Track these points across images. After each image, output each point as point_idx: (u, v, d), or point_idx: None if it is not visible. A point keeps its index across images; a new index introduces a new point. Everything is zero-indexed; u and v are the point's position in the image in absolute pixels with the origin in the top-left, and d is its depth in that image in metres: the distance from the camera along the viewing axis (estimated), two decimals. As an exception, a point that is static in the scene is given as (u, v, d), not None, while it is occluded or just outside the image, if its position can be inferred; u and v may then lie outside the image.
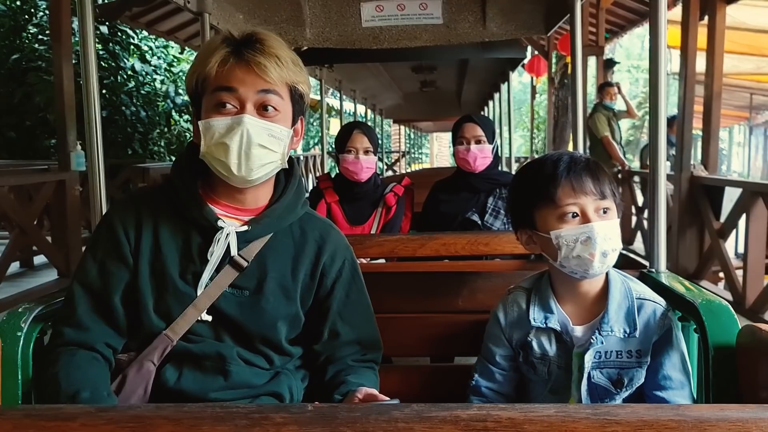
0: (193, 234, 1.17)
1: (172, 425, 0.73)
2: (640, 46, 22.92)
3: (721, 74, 4.76)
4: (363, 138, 2.49)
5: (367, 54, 3.48)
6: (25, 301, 1.31)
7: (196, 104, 1.18)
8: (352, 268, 1.29)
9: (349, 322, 1.26)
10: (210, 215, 1.16)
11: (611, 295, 1.23)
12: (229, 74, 1.12)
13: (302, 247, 1.24)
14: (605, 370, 1.22)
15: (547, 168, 1.20)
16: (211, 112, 1.13)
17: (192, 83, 1.16)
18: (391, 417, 0.73)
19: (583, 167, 1.19)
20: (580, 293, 1.25)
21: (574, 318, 1.25)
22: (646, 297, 1.25)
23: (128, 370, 1.14)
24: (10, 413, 0.76)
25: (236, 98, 1.12)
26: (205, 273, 1.15)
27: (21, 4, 10.26)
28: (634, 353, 1.22)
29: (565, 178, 1.17)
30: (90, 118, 1.70)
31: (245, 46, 1.13)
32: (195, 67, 1.16)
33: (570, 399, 1.25)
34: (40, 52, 9.85)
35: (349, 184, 2.54)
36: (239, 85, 1.12)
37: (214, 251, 1.15)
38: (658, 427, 0.70)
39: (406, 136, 23.05)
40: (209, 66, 1.12)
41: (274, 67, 1.12)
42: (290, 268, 1.22)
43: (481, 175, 2.58)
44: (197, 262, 1.16)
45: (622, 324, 1.21)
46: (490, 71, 6.26)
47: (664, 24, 1.62)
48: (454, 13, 2.82)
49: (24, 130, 10.23)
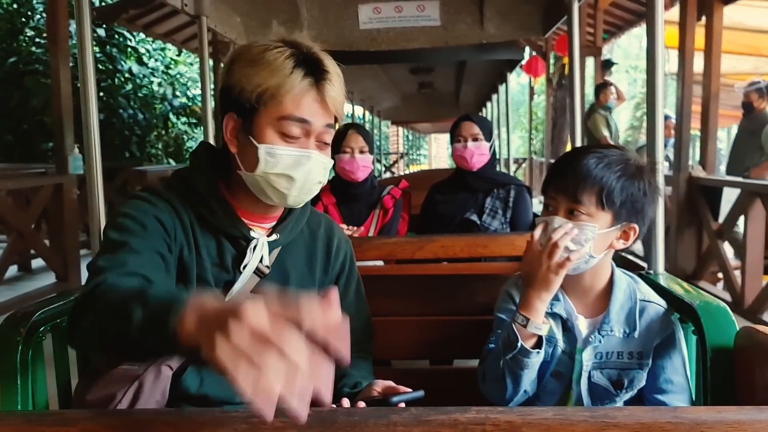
0: (223, 241, 1.14)
1: (172, 429, 0.73)
2: (638, 47, 22.94)
3: (719, 74, 4.77)
4: (358, 137, 2.50)
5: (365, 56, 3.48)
6: (22, 305, 1.31)
7: (238, 110, 1.09)
8: (352, 260, 1.34)
9: (349, 312, 1.26)
10: (243, 227, 1.14)
11: (614, 295, 1.24)
12: (305, 105, 1.07)
13: (314, 245, 1.25)
14: (605, 371, 1.23)
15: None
16: (274, 138, 1.08)
17: (247, 89, 1.06)
18: (390, 420, 0.73)
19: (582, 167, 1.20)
20: (583, 287, 1.27)
21: (578, 308, 1.27)
22: (650, 299, 1.27)
23: (144, 376, 1.08)
24: (10, 419, 0.76)
25: (305, 130, 1.09)
26: (238, 283, 1.14)
27: (18, 6, 10.25)
28: (635, 355, 1.23)
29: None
30: (87, 121, 1.70)
31: (319, 74, 1.08)
32: (260, 76, 1.05)
33: (569, 394, 1.25)
34: (37, 55, 9.85)
35: (345, 185, 2.55)
36: (312, 118, 1.08)
37: (248, 262, 1.14)
38: (656, 430, 0.71)
39: (405, 138, 23.08)
40: (285, 89, 1.05)
41: (342, 102, 1.11)
42: (307, 268, 1.23)
43: (479, 174, 2.58)
44: (231, 270, 1.14)
45: (623, 325, 1.23)
46: (487, 72, 6.27)
47: (661, 24, 1.62)
48: (452, 15, 2.83)
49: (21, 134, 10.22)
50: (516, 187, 2.61)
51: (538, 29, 2.85)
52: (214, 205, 1.12)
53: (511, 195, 2.59)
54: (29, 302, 1.29)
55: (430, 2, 2.79)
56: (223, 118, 1.11)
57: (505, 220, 2.56)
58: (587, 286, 1.27)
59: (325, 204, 2.56)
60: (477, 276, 1.74)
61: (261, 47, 1.07)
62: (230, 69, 1.10)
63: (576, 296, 1.28)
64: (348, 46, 2.88)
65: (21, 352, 1.19)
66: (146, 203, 1.09)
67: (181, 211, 1.11)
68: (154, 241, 1.04)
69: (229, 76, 1.10)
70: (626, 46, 23.50)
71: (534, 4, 2.77)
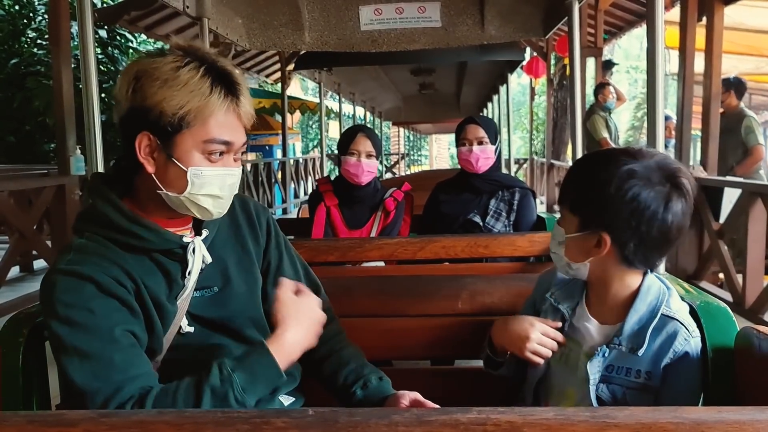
0: (161, 259, 1.11)
1: (174, 430, 0.74)
2: (638, 47, 22.93)
3: (720, 75, 4.77)
4: (366, 141, 2.50)
5: (366, 57, 3.49)
6: (25, 306, 1.31)
7: (154, 130, 1.05)
8: (275, 225, 1.33)
9: (290, 276, 1.29)
10: (173, 237, 1.12)
11: (634, 307, 1.15)
12: (228, 127, 1.08)
13: (236, 222, 1.26)
14: (611, 386, 1.15)
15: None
16: (200, 160, 1.07)
17: (167, 111, 1.03)
18: (392, 421, 0.74)
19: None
20: (603, 292, 1.19)
21: (594, 310, 1.21)
22: (673, 316, 1.14)
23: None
24: (13, 419, 0.76)
25: (228, 149, 1.10)
26: (188, 287, 1.13)
27: (20, 8, 10.28)
28: (642, 374, 1.13)
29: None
30: (89, 122, 1.71)
31: (234, 90, 1.08)
32: (178, 98, 1.03)
33: (568, 391, 1.22)
34: (39, 56, 9.88)
35: (348, 187, 2.55)
36: (234, 138, 1.09)
37: (192, 267, 1.13)
38: (656, 430, 0.71)
39: (406, 138, 23.09)
40: (208, 111, 1.05)
41: (252, 113, 1.12)
42: (240, 246, 1.24)
43: (484, 176, 2.59)
44: (180, 281, 1.13)
45: (632, 339, 1.14)
46: (488, 73, 6.28)
47: (662, 25, 1.62)
48: (453, 16, 2.83)
49: (23, 135, 10.25)
50: (521, 190, 2.61)
51: (538, 30, 2.85)
52: (140, 230, 1.08)
53: (516, 198, 2.59)
54: (31, 303, 1.29)
55: (430, 3, 2.80)
56: (134, 138, 1.06)
57: (508, 223, 2.57)
58: (607, 292, 1.18)
59: (327, 205, 2.56)
60: (478, 276, 1.74)
61: (170, 64, 1.03)
62: (136, 87, 1.04)
63: (596, 298, 1.21)
64: (349, 48, 2.88)
65: (23, 352, 1.20)
66: (76, 280, 1.02)
67: (111, 256, 1.06)
68: (110, 321, 1.01)
69: (137, 95, 1.04)
70: (627, 47, 23.51)
71: (534, 6, 2.78)
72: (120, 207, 1.09)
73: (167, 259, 1.12)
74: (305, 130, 23.24)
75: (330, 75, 6.18)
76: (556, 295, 1.28)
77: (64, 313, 1.00)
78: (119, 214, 1.08)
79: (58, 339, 0.99)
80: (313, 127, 22.13)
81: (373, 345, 1.37)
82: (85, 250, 1.06)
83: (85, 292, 1.01)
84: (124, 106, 1.06)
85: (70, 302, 1.00)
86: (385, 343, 1.37)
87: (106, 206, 1.08)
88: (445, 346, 1.58)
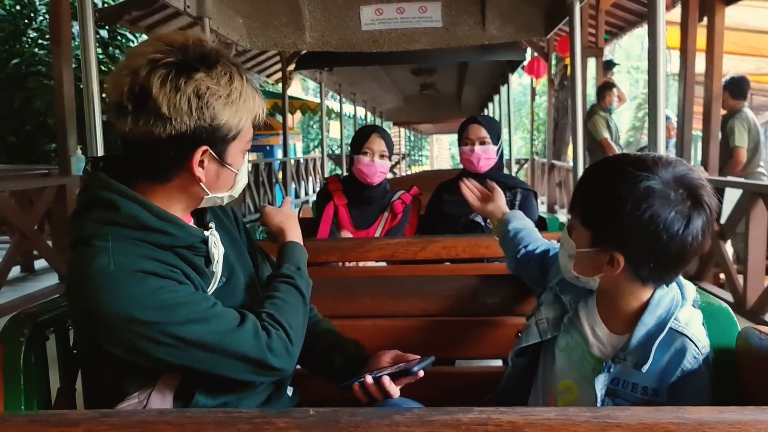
0: (188, 255, 1.12)
1: (176, 430, 0.74)
2: (639, 47, 22.94)
3: (721, 75, 4.77)
4: (380, 141, 2.49)
5: (367, 57, 3.48)
6: (26, 306, 1.31)
7: (212, 143, 1.08)
8: (235, 211, 1.39)
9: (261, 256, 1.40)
10: (195, 231, 1.13)
11: (642, 320, 1.08)
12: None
13: (222, 216, 1.29)
14: (616, 399, 1.10)
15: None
16: (240, 160, 1.15)
17: (233, 125, 1.08)
18: (393, 421, 0.74)
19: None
20: (610, 301, 1.14)
21: (604, 315, 1.16)
22: (682, 331, 1.08)
23: (149, 404, 1.07)
24: (14, 419, 0.76)
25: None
26: (216, 277, 1.16)
27: (21, 8, 10.29)
28: (649, 391, 1.08)
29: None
30: (90, 122, 1.71)
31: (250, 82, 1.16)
32: (242, 112, 1.09)
33: (570, 383, 1.19)
34: (40, 56, 9.89)
35: (359, 187, 2.54)
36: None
37: (218, 258, 1.16)
38: (658, 430, 0.71)
39: (406, 139, 23.09)
40: (258, 112, 1.14)
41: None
42: (228, 235, 1.26)
43: (487, 177, 2.58)
44: (207, 274, 1.14)
45: (637, 354, 1.07)
46: (489, 73, 6.28)
47: (663, 25, 1.62)
48: (454, 16, 2.83)
49: (24, 135, 10.26)
50: (523, 191, 2.60)
51: (539, 30, 2.85)
52: (168, 227, 1.08)
53: (518, 198, 2.58)
54: (32, 303, 1.29)
55: (431, 3, 2.79)
56: (190, 152, 1.06)
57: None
58: (616, 304, 1.13)
59: (336, 204, 2.55)
60: (480, 277, 1.74)
61: (224, 78, 1.05)
62: (201, 105, 1.03)
63: (606, 307, 1.16)
64: (350, 48, 2.88)
65: (25, 352, 1.20)
66: (135, 274, 1.01)
67: (148, 253, 1.05)
68: (188, 288, 1.07)
69: (203, 113, 1.03)
70: (628, 47, 23.50)
71: (536, 6, 2.77)
72: (148, 205, 1.07)
73: (191, 253, 1.12)
74: (306, 130, 23.27)
75: (331, 75, 6.17)
76: (561, 285, 1.23)
77: (150, 302, 0.99)
78: (148, 212, 1.06)
79: (155, 327, 0.99)
80: (313, 128, 22.14)
81: (373, 345, 1.37)
82: (120, 252, 1.01)
83: (148, 282, 1.01)
84: (186, 124, 1.03)
85: (144, 293, 1.00)
86: (385, 343, 1.37)
87: (133, 205, 1.05)
88: (445, 346, 1.58)
